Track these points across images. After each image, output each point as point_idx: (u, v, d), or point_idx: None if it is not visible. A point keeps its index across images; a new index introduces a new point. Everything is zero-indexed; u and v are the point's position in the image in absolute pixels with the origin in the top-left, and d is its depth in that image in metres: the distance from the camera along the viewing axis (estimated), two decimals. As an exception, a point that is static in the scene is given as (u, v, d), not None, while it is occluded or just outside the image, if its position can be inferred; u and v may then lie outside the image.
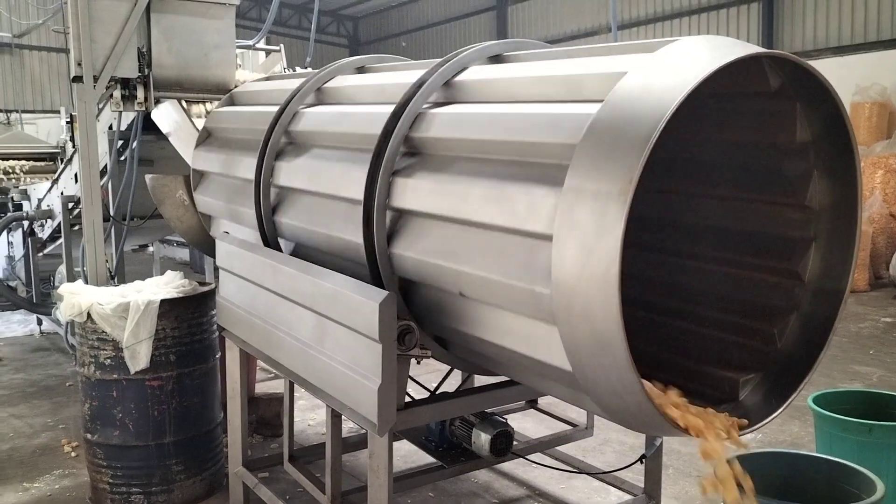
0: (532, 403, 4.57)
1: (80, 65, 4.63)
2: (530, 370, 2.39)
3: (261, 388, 5.74)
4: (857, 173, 2.24)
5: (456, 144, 2.53)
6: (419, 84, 2.69)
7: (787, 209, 2.46)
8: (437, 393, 3.28)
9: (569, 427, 4.32)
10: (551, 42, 18.18)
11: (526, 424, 4.77)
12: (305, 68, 6.30)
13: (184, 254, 14.27)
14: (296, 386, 3.34)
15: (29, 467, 4.83)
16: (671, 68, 1.92)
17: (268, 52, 6.76)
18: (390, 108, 2.71)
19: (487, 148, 2.39)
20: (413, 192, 2.59)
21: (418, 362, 2.79)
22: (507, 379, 3.04)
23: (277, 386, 5.96)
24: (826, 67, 3.30)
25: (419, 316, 2.71)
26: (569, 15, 20.66)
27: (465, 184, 2.39)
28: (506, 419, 3.34)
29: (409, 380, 2.78)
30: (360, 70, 3.67)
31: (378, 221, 2.64)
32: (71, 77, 4.77)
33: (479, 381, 3.48)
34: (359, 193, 2.70)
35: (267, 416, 5.20)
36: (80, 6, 4.57)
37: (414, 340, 2.64)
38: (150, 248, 9.94)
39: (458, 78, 2.72)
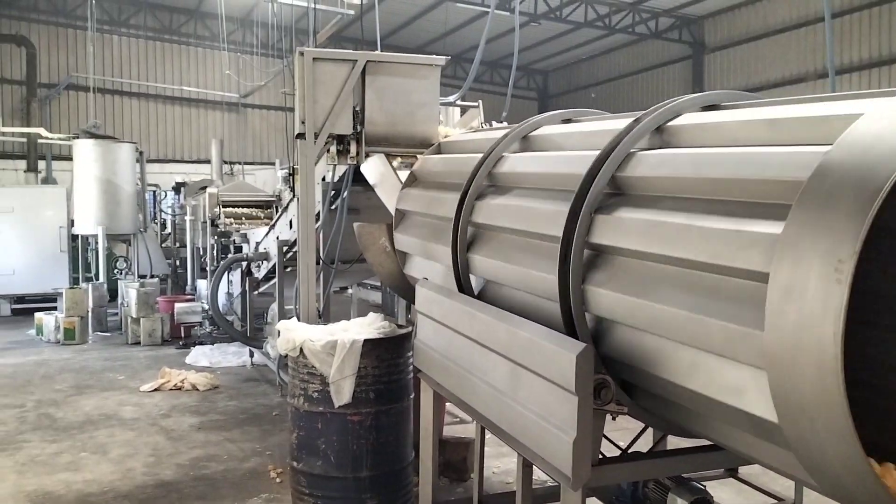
0: (732, 472, 4.30)
1: (303, 123, 5.12)
2: (731, 422, 2.26)
3: (446, 431, 5.89)
4: None
5: (665, 184, 2.49)
6: (629, 129, 2.72)
7: None
8: (629, 452, 3.20)
9: (772, 501, 4.02)
10: (753, 91, 17.38)
11: (723, 495, 4.49)
12: (501, 122, 6.52)
13: (377, 297, 15.01)
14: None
15: (240, 489, 5.27)
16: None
17: (464, 108, 7.08)
18: (596, 153, 2.75)
19: (699, 187, 2.33)
20: (615, 229, 2.58)
21: (614, 418, 2.75)
22: (704, 443, 2.90)
23: (462, 430, 6.08)
24: None
25: (610, 362, 2.68)
26: (772, 62, 19.68)
27: (672, 221, 2.33)
28: (704, 486, 3.18)
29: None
30: (566, 121, 3.75)
31: (575, 257, 2.66)
32: (295, 134, 5.28)
33: (672, 444, 3.35)
34: (557, 230, 2.74)
35: (453, 460, 5.31)
36: (306, 70, 5.08)
37: (610, 395, 2.62)
38: (349, 291, 10.60)
39: (670, 123, 2.71)
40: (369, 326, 4.61)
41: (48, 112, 21.18)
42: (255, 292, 9.92)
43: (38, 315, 11.66)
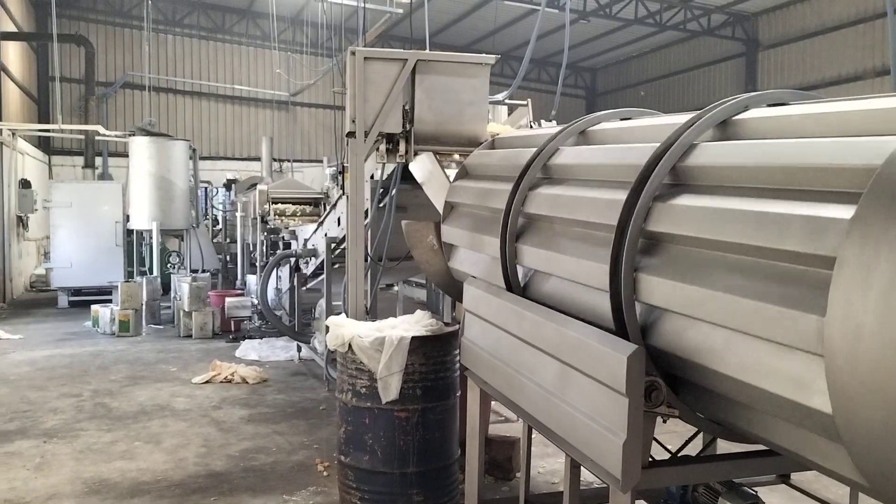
0: (784, 478, 4.21)
1: (353, 121, 5.18)
2: (786, 417, 2.20)
3: (491, 430, 5.89)
4: None
5: (729, 173, 2.44)
6: (692, 121, 2.68)
7: None
8: (678, 455, 3.17)
9: (825, 509, 3.92)
10: (808, 89, 16.95)
11: (775, 501, 4.40)
12: (550, 121, 6.50)
13: (422, 294, 15.10)
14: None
15: (288, 481, 5.36)
16: None
17: (511, 107, 7.08)
18: (656, 145, 2.72)
19: (765, 176, 2.28)
20: (673, 216, 2.53)
21: (664, 421, 2.72)
22: (756, 447, 2.85)
23: (507, 429, 6.08)
24: None
25: (658, 355, 2.64)
26: (828, 60, 19.18)
27: (735, 207, 2.29)
28: (756, 492, 3.13)
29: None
30: (626, 119, 3.72)
31: (629, 245, 2.63)
32: (345, 132, 5.35)
33: (721, 448, 3.30)
34: (612, 219, 2.71)
35: (498, 459, 5.31)
36: (357, 69, 5.14)
37: (661, 398, 2.59)
38: (395, 288, 10.68)
39: (735, 118, 2.67)
40: (417, 324, 4.65)
41: (105, 110, 21.80)
42: (303, 288, 10.07)
43: (94, 307, 12.01)
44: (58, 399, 7.57)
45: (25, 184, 16.19)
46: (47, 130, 18.34)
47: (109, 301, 12.63)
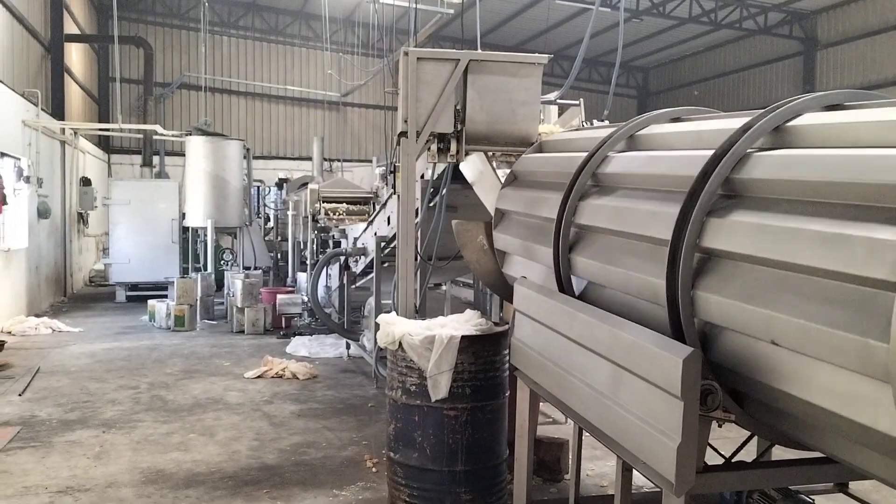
0: (842, 486, 4.10)
1: (405, 121, 5.22)
2: (849, 436, 2.17)
3: (539, 430, 5.86)
4: None
5: (786, 187, 2.40)
6: (745, 128, 2.64)
7: None
8: (733, 460, 3.11)
9: (886, 520, 3.81)
10: (869, 89, 16.44)
11: (830, 510, 4.30)
12: (602, 121, 6.44)
13: (469, 294, 15.13)
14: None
15: (337, 475, 5.43)
16: None
17: (561, 107, 7.02)
18: (709, 153, 2.68)
19: (824, 190, 2.24)
20: (729, 232, 2.51)
21: (720, 425, 2.69)
22: (813, 454, 2.79)
23: (555, 430, 6.05)
24: None
25: (717, 369, 2.61)
26: (890, 59, 18.58)
27: (792, 225, 2.25)
28: (813, 500, 3.06)
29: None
30: (675, 120, 3.67)
31: (685, 261, 2.61)
32: (397, 132, 5.39)
33: (776, 454, 3.23)
34: (666, 233, 2.70)
35: (547, 460, 5.29)
36: (410, 70, 5.17)
37: (717, 402, 2.56)
38: (443, 287, 10.71)
39: (790, 124, 2.61)
40: (466, 323, 4.66)
41: (162, 110, 22.36)
42: (353, 286, 10.17)
43: (150, 302, 12.34)
44: (116, 391, 7.81)
45: (86, 181, 16.74)
46: (107, 130, 18.92)
47: (165, 296, 12.97)
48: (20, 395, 7.52)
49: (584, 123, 6.50)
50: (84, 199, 16.58)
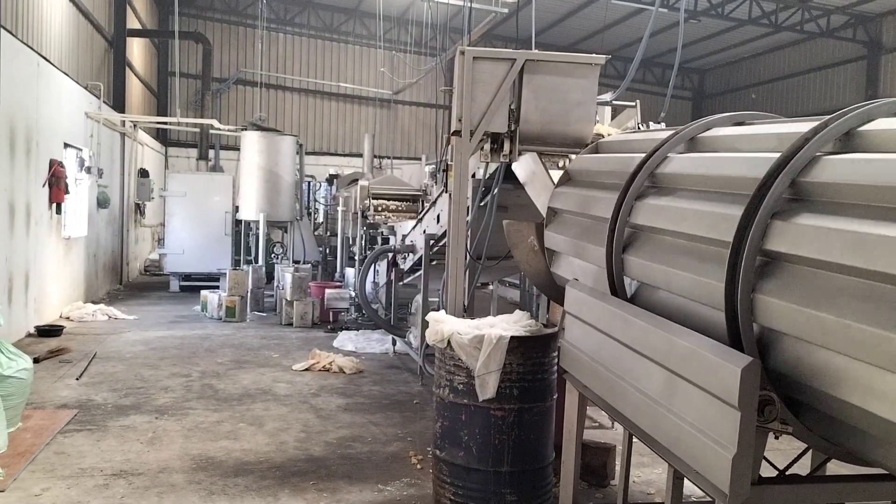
0: (901, 506, 3.97)
1: (460, 120, 5.23)
2: None
3: (585, 435, 5.81)
4: None
5: (855, 191, 2.33)
6: (815, 131, 2.57)
7: None
8: (788, 473, 3.04)
9: (948, 543, 3.67)
10: (937, 94, 15.82)
11: (888, 529, 4.16)
12: (658, 123, 6.35)
13: (514, 294, 15.08)
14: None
15: (382, 471, 5.47)
16: None
17: (616, 108, 6.94)
18: (775, 156, 2.62)
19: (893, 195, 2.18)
20: (794, 236, 2.44)
21: (777, 437, 2.63)
22: (872, 471, 2.71)
23: (601, 435, 5.99)
24: None
25: (776, 376, 2.55)
26: (961, 63, 17.90)
27: (863, 230, 2.18)
28: (871, 518, 2.97)
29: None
30: (738, 124, 3.60)
31: (746, 264, 2.56)
32: (451, 131, 5.40)
33: (830, 469, 3.14)
34: (727, 235, 2.65)
35: (593, 465, 5.24)
36: (466, 69, 5.18)
37: (774, 413, 2.51)
38: (490, 287, 10.69)
39: (861, 129, 2.54)
40: (516, 324, 4.64)
41: (219, 105, 22.80)
42: (400, 283, 10.23)
43: (203, 292, 12.61)
44: (169, 378, 7.99)
45: (144, 173, 17.17)
46: (165, 123, 19.38)
47: (217, 287, 13.23)
48: (77, 378, 7.76)
49: (640, 125, 6.42)
50: (141, 190, 17.02)
